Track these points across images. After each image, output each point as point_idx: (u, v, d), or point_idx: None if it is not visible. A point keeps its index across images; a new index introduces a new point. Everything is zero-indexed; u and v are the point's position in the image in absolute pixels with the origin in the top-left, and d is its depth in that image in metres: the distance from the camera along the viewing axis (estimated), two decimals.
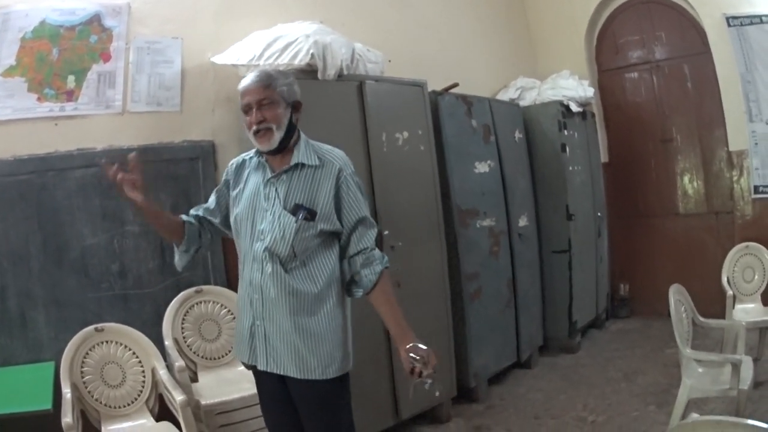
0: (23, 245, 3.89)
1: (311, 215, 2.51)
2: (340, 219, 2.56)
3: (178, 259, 2.84)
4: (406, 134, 4.45)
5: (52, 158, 3.98)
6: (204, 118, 4.11)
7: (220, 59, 4.25)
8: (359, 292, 2.63)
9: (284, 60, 3.94)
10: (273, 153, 2.57)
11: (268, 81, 2.55)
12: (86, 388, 3.69)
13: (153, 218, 2.75)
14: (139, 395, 3.80)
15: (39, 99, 4.01)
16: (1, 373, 3.73)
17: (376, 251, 2.60)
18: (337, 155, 2.62)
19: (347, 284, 2.67)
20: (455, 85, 5.23)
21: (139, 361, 3.84)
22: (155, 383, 3.82)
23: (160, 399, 3.84)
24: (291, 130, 2.58)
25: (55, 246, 3.95)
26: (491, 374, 5.27)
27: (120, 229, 4.05)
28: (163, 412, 3.79)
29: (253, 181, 2.67)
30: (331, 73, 3.99)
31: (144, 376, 3.83)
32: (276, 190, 2.57)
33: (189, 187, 4.29)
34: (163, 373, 3.71)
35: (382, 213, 4.19)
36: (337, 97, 4.12)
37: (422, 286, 4.49)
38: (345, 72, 4.12)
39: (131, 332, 3.84)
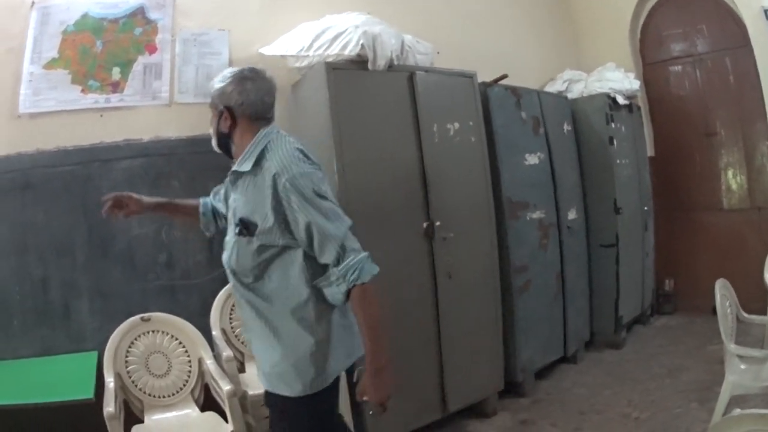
0: (68, 236, 3.81)
1: (248, 230, 2.26)
2: (290, 231, 2.21)
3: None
4: (456, 125, 4.27)
5: (97, 149, 3.90)
6: None
7: (269, 51, 4.10)
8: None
9: (334, 50, 3.78)
10: (228, 156, 2.46)
11: (210, 87, 2.43)
12: (130, 377, 3.61)
13: (166, 215, 2.82)
14: (184, 385, 3.70)
15: (83, 91, 3.93)
16: (43, 362, 3.66)
17: (340, 267, 2.15)
18: (276, 157, 2.23)
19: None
20: (504, 76, 5.01)
21: (186, 351, 3.73)
22: (201, 373, 3.72)
23: (206, 389, 3.74)
24: (221, 138, 2.42)
25: (101, 237, 3.86)
26: (537, 368, 5.05)
27: (168, 220, 3.90)
28: (208, 402, 3.69)
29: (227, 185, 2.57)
30: (381, 63, 3.80)
31: (190, 366, 3.73)
32: (233, 199, 2.42)
33: None
34: (210, 363, 3.61)
35: (434, 204, 4.01)
36: (388, 88, 3.94)
37: (472, 278, 4.31)
38: (395, 63, 3.92)
39: (178, 322, 3.72)
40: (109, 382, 3.39)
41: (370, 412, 2.34)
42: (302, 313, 2.27)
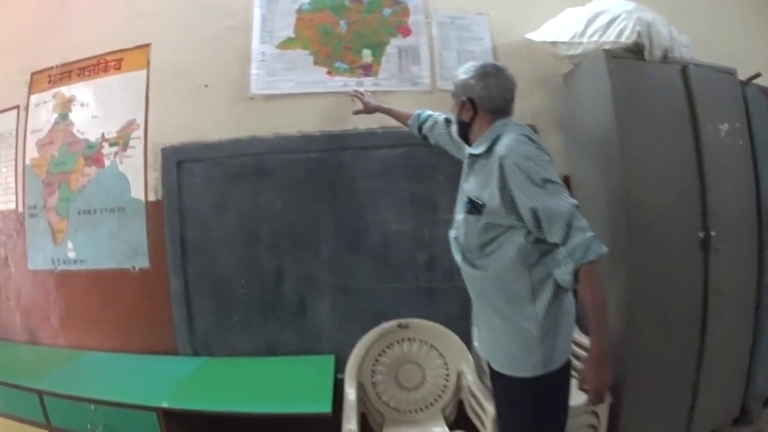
0: (310, 227, 3.27)
1: (476, 208, 2.29)
2: (517, 212, 2.18)
3: None
4: (726, 126, 3.68)
5: (349, 136, 3.36)
6: (521, 100, 3.27)
7: (537, 36, 3.51)
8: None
9: (609, 37, 3.27)
10: (467, 144, 2.45)
11: (454, 75, 2.46)
12: (375, 388, 3.13)
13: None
14: (436, 400, 3.17)
15: (329, 73, 3.43)
16: (270, 363, 3.18)
17: (567, 246, 2.09)
18: (504, 142, 2.25)
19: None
20: (758, 75, 4.36)
21: (444, 363, 3.18)
22: (458, 388, 3.17)
23: (459, 405, 3.18)
24: (461, 126, 2.42)
25: (351, 230, 3.29)
26: (766, 396, 4.30)
27: (431, 215, 3.32)
28: (460, 420, 3.10)
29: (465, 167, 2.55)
30: (658, 53, 3.30)
31: (447, 380, 3.18)
32: (468, 181, 2.42)
33: None
34: (471, 378, 3.03)
35: (712, 212, 3.41)
36: (661, 81, 3.40)
37: (736, 294, 3.69)
38: (669, 54, 3.40)
39: (439, 330, 3.18)
40: (350, 393, 2.92)
41: (588, 403, 2.24)
42: (526, 294, 2.22)
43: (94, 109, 3.60)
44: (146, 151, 3.37)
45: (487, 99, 2.31)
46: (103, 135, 3.52)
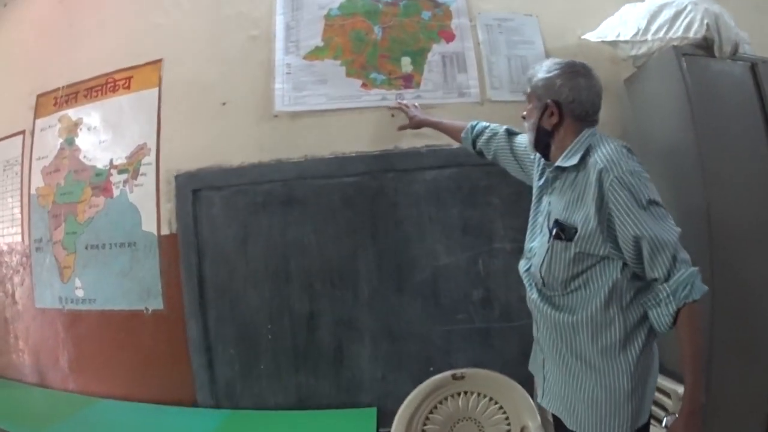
0: (348, 263, 2.42)
1: (565, 234, 1.66)
2: (614, 238, 1.59)
3: None
4: None
5: (390, 156, 2.47)
6: None
7: (595, 36, 2.72)
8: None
9: (677, 33, 2.50)
10: (543, 157, 1.82)
11: (530, 74, 1.81)
12: None
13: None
14: None
15: (364, 85, 2.55)
16: (302, 417, 2.41)
17: (670, 283, 1.56)
18: (602, 152, 1.65)
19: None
20: None
21: (506, 418, 2.36)
22: None
23: None
24: (542, 135, 1.76)
25: (395, 265, 2.43)
26: None
27: (487, 246, 2.45)
28: None
29: (540, 184, 1.85)
30: (728, 49, 2.51)
31: None
32: (549, 202, 1.77)
33: None
34: None
35: None
36: (730, 81, 2.59)
37: None
38: (738, 50, 2.59)
39: (500, 381, 2.34)
40: None
41: None
42: (619, 340, 1.63)
43: (102, 132, 2.78)
44: (158, 178, 2.58)
45: (576, 103, 1.70)
46: (111, 161, 2.71)
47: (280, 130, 2.52)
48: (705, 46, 2.44)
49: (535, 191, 1.87)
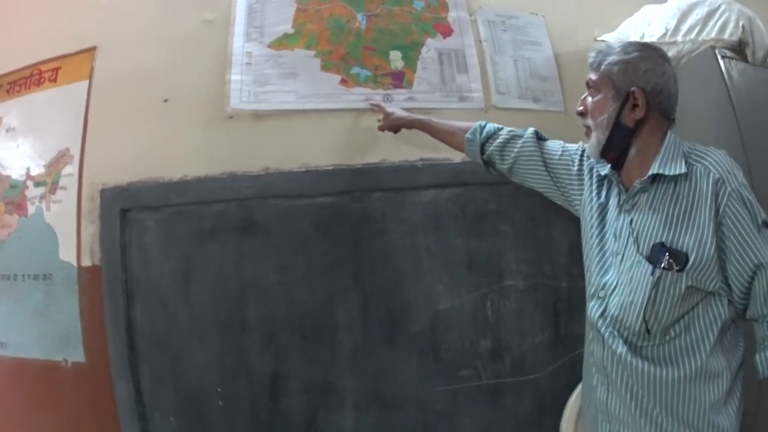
0: (323, 309, 1.45)
1: (677, 261, 0.95)
2: (723, 265, 0.95)
3: None
4: None
5: (377, 171, 1.47)
6: None
7: (615, 38, 1.93)
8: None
9: (710, 34, 1.72)
10: (613, 166, 1.08)
11: (599, 57, 1.08)
12: None
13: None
14: None
15: (344, 82, 1.55)
16: None
17: None
18: (712, 158, 0.99)
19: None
20: None
21: None
22: None
23: None
24: (620, 134, 1.03)
25: (385, 312, 1.48)
26: None
27: (497, 284, 1.54)
28: None
29: (603, 201, 1.11)
30: (760, 54, 1.77)
31: None
32: (631, 222, 1.02)
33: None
34: None
35: None
36: (761, 87, 1.91)
37: None
38: None
39: None
40: None
41: None
42: (722, 394, 0.98)
43: (21, 135, 1.74)
44: (80, 193, 1.58)
45: (664, 95, 1.06)
46: (28, 171, 1.68)
47: (235, 135, 1.46)
48: (739, 50, 1.63)
49: (593, 210, 1.14)
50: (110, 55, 1.57)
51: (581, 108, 1.08)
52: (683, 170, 0.97)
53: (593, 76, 1.06)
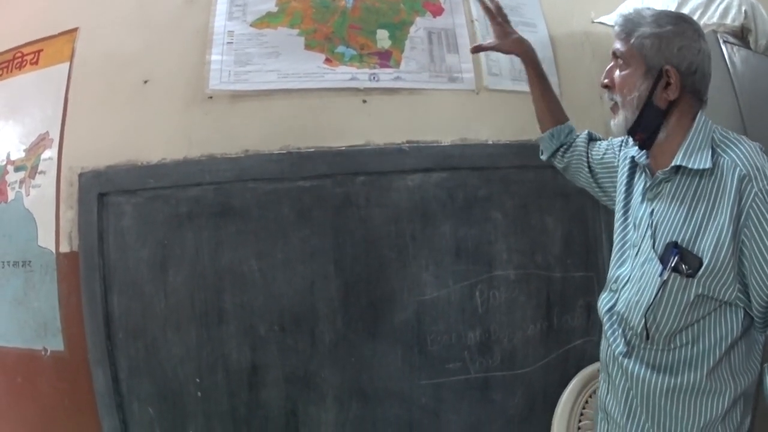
0: (303, 299, 1.38)
1: (689, 266, 0.84)
2: (742, 276, 0.82)
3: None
4: None
5: (362, 155, 1.40)
6: (591, 110, 1.68)
7: (613, 20, 1.86)
8: None
9: (712, 18, 1.66)
10: (641, 145, 0.96)
11: (628, 26, 0.94)
12: None
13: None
14: None
15: (328, 61, 1.48)
16: None
17: None
18: (741, 152, 0.85)
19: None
20: None
21: None
22: None
23: None
24: (651, 115, 0.92)
25: (368, 302, 1.41)
26: None
27: (486, 274, 1.47)
28: None
29: (631, 186, 1.04)
30: (762, 42, 1.71)
31: None
32: (651, 212, 0.92)
33: (585, 209, 1.55)
34: None
35: None
36: (764, 76, 1.77)
37: None
38: None
39: None
40: None
41: None
42: (720, 413, 0.90)
43: (2, 119, 1.91)
44: (59, 178, 1.53)
45: (698, 75, 0.94)
46: (8, 156, 1.64)
47: (214, 116, 1.40)
48: (740, 37, 1.59)
49: (621, 194, 1.07)
50: (91, 36, 1.51)
51: (606, 81, 0.98)
52: (707, 165, 0.87)
53: (621, 47, 0.95)
